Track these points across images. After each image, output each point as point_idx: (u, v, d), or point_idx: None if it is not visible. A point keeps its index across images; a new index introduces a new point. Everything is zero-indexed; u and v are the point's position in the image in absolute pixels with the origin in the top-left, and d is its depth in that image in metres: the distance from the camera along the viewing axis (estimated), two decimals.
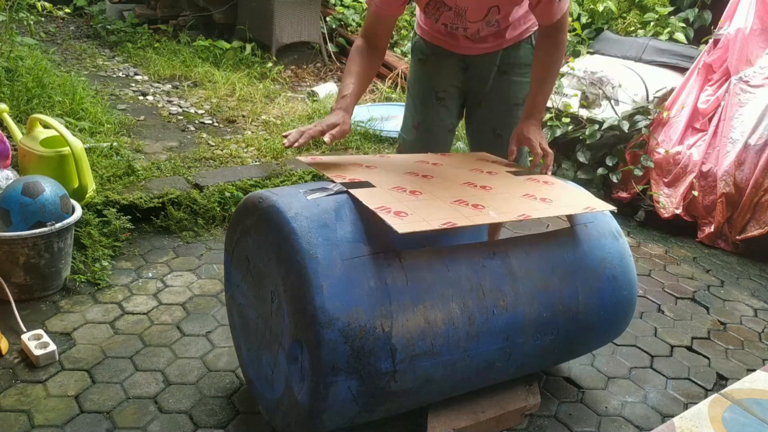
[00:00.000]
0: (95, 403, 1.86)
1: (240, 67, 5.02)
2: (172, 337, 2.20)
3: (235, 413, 1.88)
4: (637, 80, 3.76)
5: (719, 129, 3.39)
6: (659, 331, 2.57)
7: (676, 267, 3.17)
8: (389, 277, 1.49)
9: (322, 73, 5.41)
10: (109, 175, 2.98)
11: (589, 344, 1.96)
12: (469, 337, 1.59)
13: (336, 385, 1.44)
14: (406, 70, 5.02)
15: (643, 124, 3.58)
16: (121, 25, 5.79)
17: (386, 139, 3.94)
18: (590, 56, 4.14)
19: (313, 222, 1.49)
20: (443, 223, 1.46)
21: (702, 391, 2.23)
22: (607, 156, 3.72)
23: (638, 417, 2.05)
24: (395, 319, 1.47)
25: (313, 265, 1.42)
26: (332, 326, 1.40)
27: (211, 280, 2.58)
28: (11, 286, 2.22)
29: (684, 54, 3.90)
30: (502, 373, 1.77)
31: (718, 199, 3.36)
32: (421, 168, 1.90)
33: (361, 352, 1.43)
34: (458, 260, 1.62)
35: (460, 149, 3.87)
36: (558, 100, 3.96)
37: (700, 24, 4.30)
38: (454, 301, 1.56)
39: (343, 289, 1.42)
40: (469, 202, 1.61)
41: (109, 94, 4.34)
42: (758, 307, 2.86)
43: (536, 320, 1.69)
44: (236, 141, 3.78)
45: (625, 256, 1.88)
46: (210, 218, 2.98)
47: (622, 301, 1.87)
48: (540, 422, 1.97)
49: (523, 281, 1.68)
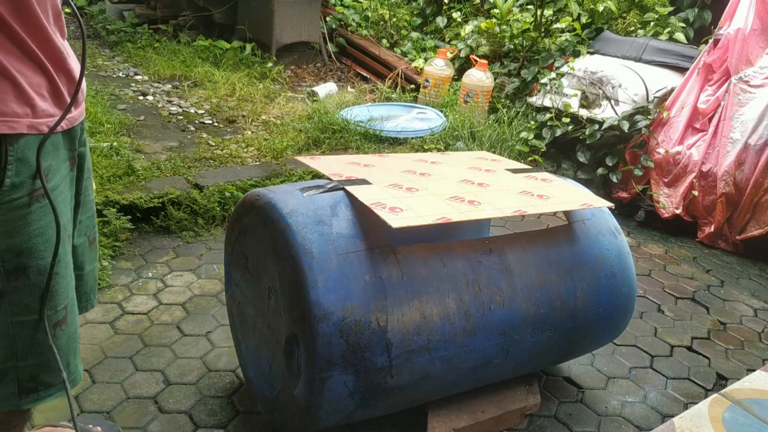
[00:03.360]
0: (95, 403, 1.86)
1: (240, 67, 5.02)
2: (172, 337, 2.20)
3: (235, 413, 1.88)
4: (637, 80, 3.76)
5: (719, 129, 3.39)
6: (659, 331, 2.57)
7: (676, 267, 3.16)
8: (384, 272, 1.49)
9: (322, 73, 5.41)
10: (109, 175, 2.98)
11: (588, 343, 1.96)
12: (465, 333, 1.59)
13: (332, 380, 1.44)
14: (406, 70, 5.02)
15: (643, 124, 3.58)
16: (121, 25, 5.79)
17: (386, 139, 3.94)
18: (590, 56, 4.14)
19: (309, 218, 1.50)
20: (438, 218, 1.46)
21: (702, 391, 2.22)
22: (607, 156, 3.72)
23: (638, 417, 2.05)
24: (390, 314, 1.47)
25: (308, 260, 1.43)
26: (327, 320, 1.40)
27: (211, 280, 2.58)
28: None
29: (684, 54, 3.89)
30: (500, 370, 1.76)
31: (718, 199, 3.36)
32: (419, 166, 1.90)
33: (356, 347, 1.44)
34: (454, 256, 1.62)
35: (460, 149, 3.87)
36: (558, 100, 3.96)
37: (700, 24, 4.29)
38: (449, 296, 1.56)
39: (338, 283, 1.43)
40: (465, 198, 1.61)
41: (109, 94, 4.34)
42: (758, 307, 2.85)
43: (533, 316, 1.69)
44: (236, 141, 3.78)
45: (623, 253, 1.87)
46: (210, 218, 2.98)
47: (621, 298, 1.86)
48: (540, 422, 1.96)
49: (519, 277, 1.68)
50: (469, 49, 4.92)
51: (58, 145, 1.11)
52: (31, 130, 1.01)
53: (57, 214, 1.08)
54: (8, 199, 1.01)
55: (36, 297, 1.10)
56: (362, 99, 4.70)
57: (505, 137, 3.96)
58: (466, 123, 4.08)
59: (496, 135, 3.97)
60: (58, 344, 1.17)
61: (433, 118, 4.26)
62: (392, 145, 3.93)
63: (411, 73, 5.00)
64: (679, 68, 3.85)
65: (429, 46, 5.39)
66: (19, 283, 1.07)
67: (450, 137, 4.01)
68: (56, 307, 1.16)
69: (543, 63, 4.36)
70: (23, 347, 1.12)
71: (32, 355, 1.13)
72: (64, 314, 1.18)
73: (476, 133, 4.01)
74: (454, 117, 4.20)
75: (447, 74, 4.68)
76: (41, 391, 1.17)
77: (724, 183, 3.33)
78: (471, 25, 5.06)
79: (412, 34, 5.55)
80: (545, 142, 3.90)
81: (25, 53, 0.99)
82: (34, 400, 1.17)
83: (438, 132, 4.06)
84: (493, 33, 4.80)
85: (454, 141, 3.96)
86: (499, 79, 4.63)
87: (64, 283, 1.16)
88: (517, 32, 4.65)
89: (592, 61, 4.03)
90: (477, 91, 4.37)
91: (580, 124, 3.81)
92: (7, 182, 1.00)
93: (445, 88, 4.64)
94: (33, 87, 1.02)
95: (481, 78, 4.38)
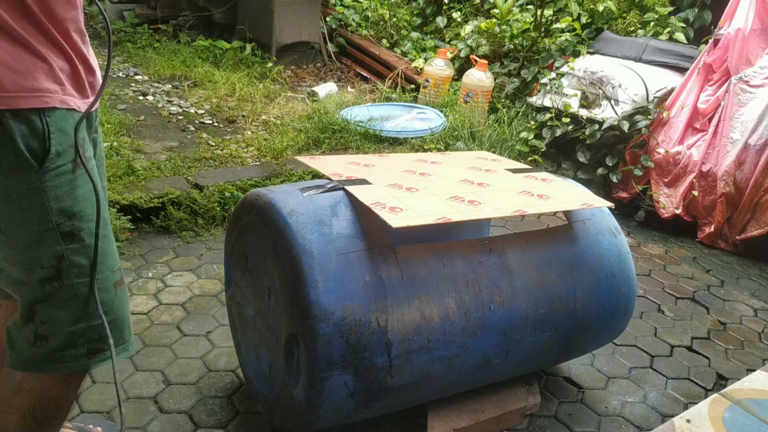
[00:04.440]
0: (95, 403, 1.86)
1: (240, 67, 5.02)
2: (172, 337, 2.20)
3: (235, 413, 1.88)
4: (637, 80, 3.76)
5: (719, 129, 3.39)
6: (659, 331, 2.57)
7: (676, 267, 3.16)
8: (384, 272, 1.49)
9: (322, 73, 5.41)
10: (109, 175, 2.98)
11: (588, 343, 1.96)
12: (465, 333, 1.59)
13: (332, 380, 1.44)
14: (406, 70, 5.02)
15: (643, 124, 3.58)
16: (121, 25, 5.79)
17: (386, 139, 3.94)
18: (590, 56, 4.14)
19: (309, 218, 1.50)
20: (438, 218, 1.46)
21: (702, 391, 2.22)
22: (607, 156, 3.72)
23: (638, 417, 2.05)
24: (390, 314, 1.48)
25: (308, 259, 1.43)
26: (327, 320, 1.41)
27: (211, 280, 2.58)
28: None
29: (684, 54, 3.89)
30: (500, 370, 1.76)
31: (718, 199, 3.36)
32: (419, 166, 1.90)
33: (356, 347, 1.44)
34: (454, 255, 1.62)
35: (460, 149, 3.87)
36: (558, 100, 3.96)
37: (700, 24, 4.29)
38: (449, 296, 1.56)
39: (338, 283, 1.43)
40: (465, 198, 1.62)
41: (109, 94, 4.34)
42: (758, 307, 2.85)
43: (533, 316, 1.69)
44: (236, 141, 3.78)
45: (623, 253, 1.87)
46: (210, 218, 2.98)
47: (621, 298, 1.86)
48: (540, 422, 1.96)
49: (519, 277, 1.68)
50: (469, 49, 4.92)
51: (84, 123, 1.20)
52: (62, 104, 1.11)
53: (94, 181, 1.17)
54: (55, 166, 1.11)
55: (90, 258, 1.19)
56: (362, 99, 4.70)
57: (505, 137, 3.96)
58: (466, 123, 4.08)
59: (496, 135, 3.97)
60: (120, 303, 1.26)
61: (433, 118, 4.26)
62: (392, 145, 3.93)
63: (411, 73, 5.00)
64: (679, 68, 3.85)
65: (429, 46, 5.39)
66: (76, 246, 1.16)
67: (450, 137, 4.01)
68: (112, 267, 1.25)
69: (543, 63, 4.36)
70: (92, 308, 1.20)
71: (99, 315, 1.21)
72: (120, 275, 1.28)
73: (476, 133, 4.01)
74: (454, 117, 4.20)
75: (447, 74, 4.68)
76: (107, 351, 1.23)
77: (724, 183, 3.33)
78: (471, 25, 5.06)
79: (412, 34, 5.55)
80: (545, 142, 3.90)
81: (51, 41, 1.09)
82: (101, 360, 1.24)
83: (438, 132, 4.06)
84: (493, 33, 4.80)
85: (454, 141, 3.96)
86: (499, 79, 4.63)
87: (112, 245, 1.26)
88: (517, 32, 4.65)
89: (592, 61, 4.03)
90: (477, 91, 4.37)
91: (580, 124, 3.81)
92: (53, 150, 1.10)
93: (445, 88, 4.64)
94: (61, 70, 1.12)
95: (481, 78, 4.38)
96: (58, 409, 1.27)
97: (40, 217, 1.12)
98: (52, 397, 1.24)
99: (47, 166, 1.10)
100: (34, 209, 1.11)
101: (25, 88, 1.05)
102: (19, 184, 1.09)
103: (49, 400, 1.24)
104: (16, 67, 1.05)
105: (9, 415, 1.22)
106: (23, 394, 1.21)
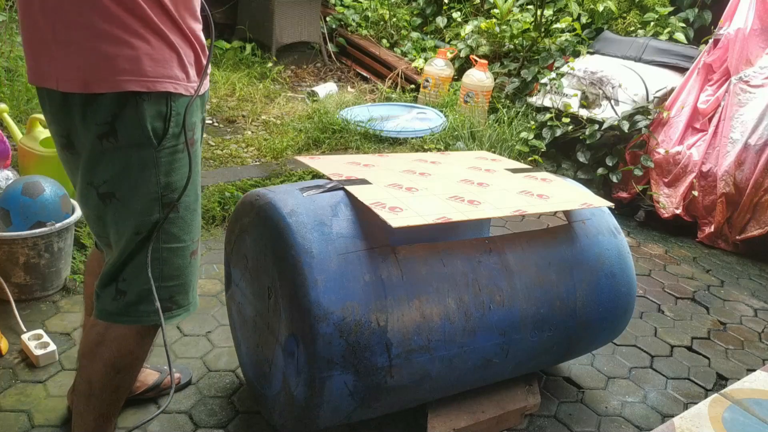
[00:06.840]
0: None
1: (240, 67, 5.02)
2: (172, 337, 2.19)
3: (235, 413, 1.88)
4: (637, 80, 3.76)
5: (719, 129, 3.39)
6: (659, 331, 2.57)
7: (676, 267, 3.16)
8: (384, 272, 1.49)
9: (322, 73, 5.41)
10: None
11: (588, 343, 1.96)
12: (465, 333, 1.59)
13: (332, 380, 1.44)
14: (406, 70, 5.02)
15: (643, 124, 3.58)
16: None
17: (386, 139, 3.94)
18: (590, 56, 4.14)
19: (309, 218, 1.50)
20: (438, 218, 1.46)
21: (702, 391, 2.22)
22: (607, 156, 3.72)
23: (638, 417, 2.05)
24: (390, 314, 1.48)
25: (308, 259, 1.43)
26: (327, 320, 1.41)
27: (211, 280, 2.58)
28: (11, 286, 2.21)
29: (684, 54, 3.90)
30: (500, 370, 1.76)
31: (718, 199, 3.36)
32: (419, 166, 1.90)
33: (356, 347, 1.44)
34: (454, 255, 1.62)
35: (460, 149, 3.87)
36: (558, 100, 3.96)
37: (700, 24, 4.29)
38: (449, 296, 1.56)
39: (338, 283, 1.43)
40: (465, 198, 1.61)
41: None
42: (758, 307, 2.85)
43: (533, 316, 1.69)
44: (236, 141, 3.78)
45: (623, 253, 1.87)
46: (210, 218, 2.98)
47: (621, 298, 1.86)
48: (540, 422, 1.96)
49: (519, 276, 1.68)
50: (469, 49, 4.92)
51: (197, 106, 1.35)
52: (186, 91, 1.27)
53: (192, 162, 1.33)
54: (171, 145, 1.27)
55: (180, 228, 1.35)
56: (362, 99, 4.70)
57: (505, 137, 3.96)
58: (466, 123, 4.08)
59: (496, 135, 3.98)
60: (192, 270, 1.42)
61: (433, 118, 4.26)
62: (392, 145, 3.93)
63: (411, 73, 5.00)
64: (679, 68, 3.85)
65: (429, 46, 5.39)
66: (172, 215, 1.32)
67: (450, 137, 4.01)
68: (193, 238, 1.40)
69: (543, 63, 4.36)
70: (168, 270, 1.35)
71: (173, 278, 1.37)
72: (197, 246, 1.43)
73: (476, 133, 4.01)
74: (454, 117, 4.20)
75: (447, 74, 4.68)
76: (174, 310, 1.40)
77: (724, 183, 3.33)
78: (471, 25, 5.06)
79: (412, 34, 5.55)
80: (545, 142, 3.90)
81: (181, 32, 1.25)
82: (169, 318, 1.39)
83: (438, 132, 4.06)
84: (493, 33, 4.80)
85: (454, 141, 3.96)
86: (499, 79, 4.63)
87: (198, 219, 1.42)
88: (517, 32, 4.65)
89: (592, 61, 4.03)
90: (477, 91, 4.37)
91: (580, 124, 3.82)
92: (170, 131, 1.26)
93: (445, 88, 4.64)
94: (188, 59, 1.27)
95: (481, 78, 4.38)
96: (135, 360, 1.42)
97: (150, 187, 1.27)
98: (129, 349, 1.39)
99: (164, 144, 1.26)
100: (146, 180, 1.27)
101: (162, 74, 1.21)
102: (138, 157, 1.24)
103: (127, 351, 1.39)
104: (155, 56, 1.20)
105: (94, 364, 1.38)
106: (105, 344, 1.37)
